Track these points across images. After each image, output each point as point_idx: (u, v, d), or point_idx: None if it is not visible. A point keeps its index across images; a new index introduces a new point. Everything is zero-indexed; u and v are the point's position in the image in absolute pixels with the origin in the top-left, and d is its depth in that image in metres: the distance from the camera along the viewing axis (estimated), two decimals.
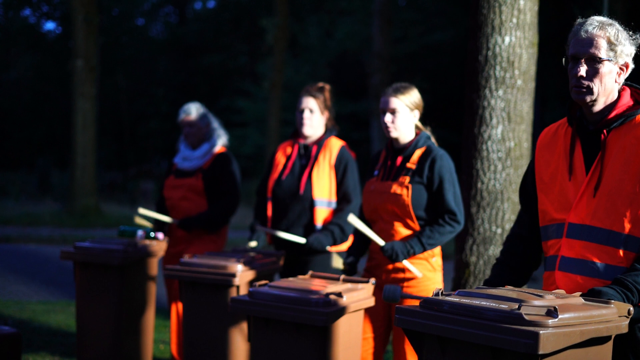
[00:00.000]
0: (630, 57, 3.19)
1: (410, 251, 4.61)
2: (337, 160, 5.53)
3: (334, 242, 5.42)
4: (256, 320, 4.04)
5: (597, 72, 3.15)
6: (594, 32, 3.16)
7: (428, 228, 4.66)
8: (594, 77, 3.15)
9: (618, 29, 3.17)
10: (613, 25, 3.17)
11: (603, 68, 3.15)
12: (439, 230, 4.65)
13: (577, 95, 3.19)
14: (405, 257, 4.60)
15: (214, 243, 6.25)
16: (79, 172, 18.99)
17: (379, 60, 21.96)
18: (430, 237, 4.63)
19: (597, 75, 3.15)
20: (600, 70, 3.15)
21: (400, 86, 4.81)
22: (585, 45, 3.16)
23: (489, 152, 5.78)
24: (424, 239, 4.62)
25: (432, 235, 4.63)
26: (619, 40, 3.14)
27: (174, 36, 37.79)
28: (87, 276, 5.65)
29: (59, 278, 11.24)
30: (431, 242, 4.64)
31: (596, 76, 3.15)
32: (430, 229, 4.65)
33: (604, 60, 3.14)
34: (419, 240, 4.62)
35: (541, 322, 2.53)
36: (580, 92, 3.18)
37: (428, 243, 4.63)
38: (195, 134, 6.38)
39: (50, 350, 6.99)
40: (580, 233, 3.12)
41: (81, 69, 18.89)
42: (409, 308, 2.85)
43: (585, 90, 3.17)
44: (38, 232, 16.54)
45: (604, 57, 3.14)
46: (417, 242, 4.62)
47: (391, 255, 4.58)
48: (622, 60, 3.17)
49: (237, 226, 14.50)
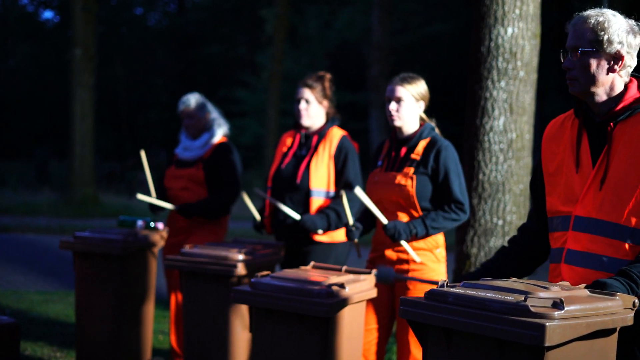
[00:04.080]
0: (625, 46, 3.11)
1: (413, 231, 4.58)
2: (337, 150, 5.49)
3: (328, 226, 5.35)
4: (258, 311, 4.02)
5: (581, 63, 3.12)
6: (577, 24, 3.14)
7: (433, 212, 4.64)
8: (579, 68, 3.13)
9: (607, 19, 3.10)
10: (601, 15, 3.12)
11: (587, 59, 3.11)
12: (444, 215, 4.63)
13: (569, 88, 3.19)
14: (407, 237, 4.58)
15: (214, 234, 6.23)
16: (77, 161, 18.97)
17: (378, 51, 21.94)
18: (434, 220, 4.61)
19: (582, 66, 3.12)
20: (584, 62, 3.12)
21: (407, 76, 4.79)
22: (571, 38, 3.15)
23: (491, 144, 5.77)
24: (427, 221, 4.60)
25: (436, 218, 4.61)
26: (605, 30, 3.09)
27: (173, 26, 37.71)
28: (87, 266, 5.63)
29: (57, 268, 11.22)
30: (435, 226, 4.61)
31: (581, 68, 3.13)
32: (436, 212, 4.63)
33: (587, 51, 3.11)
34: (423, 222, 4.60)
35: (547, 314, 2.51)
36: (571, 85, 3.17)
37: (432, 226, 4.60)
38: (195, 124, 6.35)
39: (48, 340, 6.98)
40: (587, 226, 3.10)
41: (79, 58, 18.85)
42: (414, 299, 2.83)
43: (574, 83, 3.16)
44: (36, 222, 16.51)
45: (586, 47, 3.11)
46: (421, 223, 4.59)
47: (393, 234, 4.56)
48: (612, 50, 3.10)
49: (238, 217, 14.46)
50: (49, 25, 38.33)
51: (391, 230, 4.57)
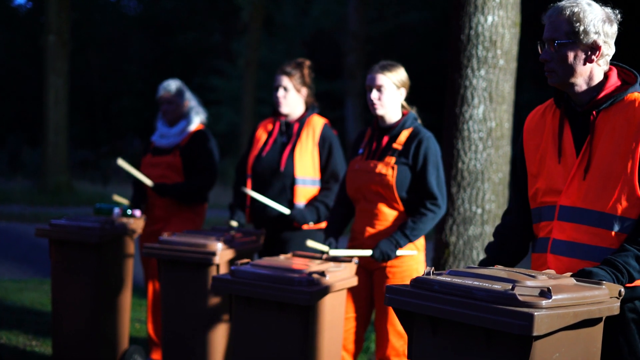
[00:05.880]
0: (601, 36, 3.09)
1: (397, 245, 4.58)
2: (321, 139, 5.46)
3: (318, 219, 5.36)
4: (238, 300, 3.99)
5: (558, 55, 3.11)
6: (552, 15, 3.13)
7: (410, 220, 4.62)
8: (556, 60, 3.12)
9: (582, 9, 3.08)
10: (576, 6, 3.09)
11: (564, 51, 3.10)
12: (422, 219, 4.62)
13: (548, 80, 3.18)
14: (395, 253, 4.57)
15: (192, 221, 6.18)
16: (50, 149, 18.81)
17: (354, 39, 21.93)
18: (414, 229, 4.60)
19: (559, 58, 3.11)
20: (561, 53, 3.10)
21: (387, 63, 4.76)
22: (547, 30, 3.14)
23: (470, 132, 5.75)
24: (407, 231, 4.59)
25: (415, 226, 4.60)
26: (580, 21, 3.07)
27: (148, 13, 37.43)
28: (63, 254, 5.56)
29: (30, 256, 11.12)
30: (415, 233, 4.62)
31: (558, 60, 3.11)
32: (413, 220, 4.61)
33: (564, 43, 3.09)
34: (403, 233, 4.59)
35: (535, 303, 2.49)
36: (549, 77, 3.16)
37: (412, 234, 4.61)
38: (173, 111, 6.29)
39: (24, 329, 6.91)
40: (572, 215, 3.09)
41: (53, 45, 18.68)
42: (399, 287, 2.80)
43: (552, 74, 3.15)
44: (9, 210, 16.35)
45: (562, 39, 3.09)
46: (402, 236, 4.59)
47: (384, 259, 4.55)
48: (589, 40, 3.08)
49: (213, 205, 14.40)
50: (21, 11, 37.93)
51: (381, 257, 4.56)
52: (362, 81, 20.72)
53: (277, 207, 5.33)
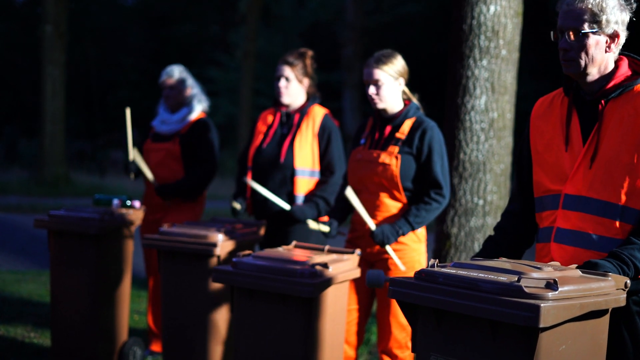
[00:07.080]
0: (620, 25, 3.09)
1: (400, 231, 4.54)
2: (321, 129, 5.43)
3: (318, 214, 5.33)
4: (240, 291, 3.96)
5: (581, 45, 3.08)
6: (574, 4, 3.08)
7: (414, 207, 4.58)
8: (579, 50, 3.08)
9: None
10: None
11: (587, 40, 3.07)
12: (426, 208, 4.58)
13: (565, 68, 3.14)
14: (395, 240, 4.54)
15: (191, 211, 6.15)
16: (48, 140, 18.77)
17: (351, 31, 21.89)
18: (417, 216, 4.56)
19: (582, 48, 3.08)
20: (584, 43, 3.07)
21: (381, 55, 4.69)
22: (568, 18, 3.09)
23: (472, 123, 5.72)
24: (411, 219, 4.56)
25: (418, 214, 4.56)
26: (603, 10, 3.05)
27: (145, 4, 37.32)
28: (62, 245, 5.53)
29: (28, 247, 11.10)
30: (419, 221, 4.58)
31: (581, 49, 3.08)
32: (417, 207, 4.58)
33: (588, 33, 3.06)
34: (407, 220, 4.55)
35: (541, 295, 2.47)
36: (568, 66, 3.12)
37: (416, 222, 4.57)
38: (175, 96, 6.24)
39: (22, 320, 6.89)
40: (577, 204, 3.07)
41: (50, 35, 18.63)
42: (404, 279, 2.78)
43: (572, 64, 3.11)
44: (6, 201, 16.32)
45: (586, 29, 3.06)
46: (405, 223, 4.55)
47: (382, 240, 4.50)
48: (610, 30, 3.07)
49: (211, 196, 14.38)
50: (18, 2, 37.81)
51: (379, 237, 4.51)
52: (359, 73, 20.69)
53: (278, 202, 5.30)
